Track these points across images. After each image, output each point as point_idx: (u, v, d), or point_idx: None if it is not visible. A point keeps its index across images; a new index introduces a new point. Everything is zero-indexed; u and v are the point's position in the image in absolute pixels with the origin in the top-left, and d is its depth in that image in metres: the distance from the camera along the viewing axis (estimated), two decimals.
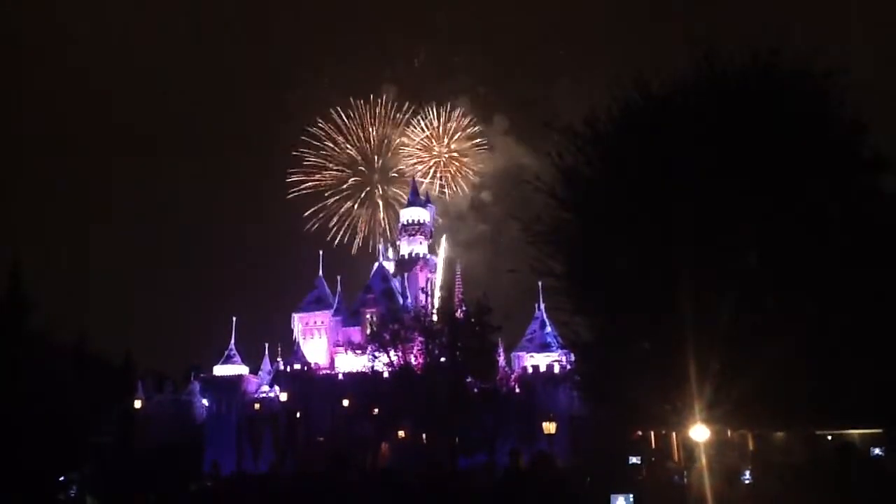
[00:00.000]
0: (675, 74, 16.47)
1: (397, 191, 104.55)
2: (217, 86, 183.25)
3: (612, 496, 13.80)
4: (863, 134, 15.57)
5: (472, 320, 63.14)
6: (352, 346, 73.48)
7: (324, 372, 78.22)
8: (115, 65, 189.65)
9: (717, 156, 14.05)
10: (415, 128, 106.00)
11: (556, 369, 69.78)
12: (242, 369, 79.87)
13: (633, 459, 32.76)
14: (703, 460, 19.14)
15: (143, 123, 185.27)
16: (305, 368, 77.11)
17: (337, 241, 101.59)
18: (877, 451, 27.89)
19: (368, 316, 79.13)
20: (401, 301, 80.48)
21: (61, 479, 30.94)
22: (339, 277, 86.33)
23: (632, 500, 13.63)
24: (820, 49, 15.07)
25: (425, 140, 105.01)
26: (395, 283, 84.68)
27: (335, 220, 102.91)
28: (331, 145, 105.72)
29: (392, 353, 65.83)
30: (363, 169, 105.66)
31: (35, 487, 26.04)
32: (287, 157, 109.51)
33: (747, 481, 21.46)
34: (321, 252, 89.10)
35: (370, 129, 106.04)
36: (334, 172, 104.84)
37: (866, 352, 14.09)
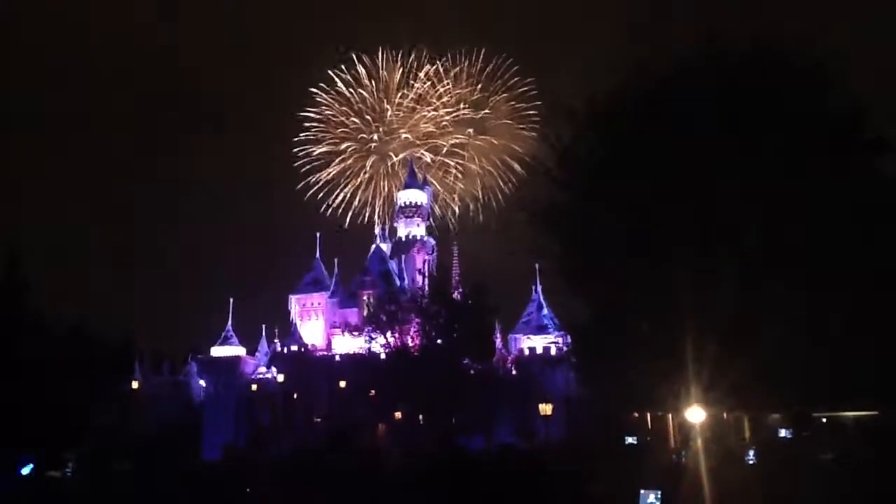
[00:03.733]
0: (676, 55, 16.37)
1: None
2: (214, 68, 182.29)
3: (643, 492, 13.79)
4: (863, 115, 15.52)
5: (470, 302, 63.25)
6: (349, 328, 73.53)
7: (321, 353, 78.24)
8: (114, 59, 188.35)
9: (716, 134, 14.00)
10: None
11: (553, 351, 70.02)
12: (240, 350, 79.97)
13: (630, 440, 33.02)
14: (700, 442, 19.26)
15: (143, 106, 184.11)
16: (302, 350, 77.15)
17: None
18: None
19: (365, 297, 79.00)
20: (398, 283, 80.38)
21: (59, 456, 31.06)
22: (336, 259, 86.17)
23: (660, 496, 13.62)
24: (821, 28, 15.00)
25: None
26: (393, 265, 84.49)
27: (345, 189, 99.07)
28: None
29: (389, 334, 65.94)
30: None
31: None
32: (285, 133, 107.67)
33: (752, 462, 21.60)
34: (318, 234, 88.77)
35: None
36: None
37: (864, 332, 14.10)
